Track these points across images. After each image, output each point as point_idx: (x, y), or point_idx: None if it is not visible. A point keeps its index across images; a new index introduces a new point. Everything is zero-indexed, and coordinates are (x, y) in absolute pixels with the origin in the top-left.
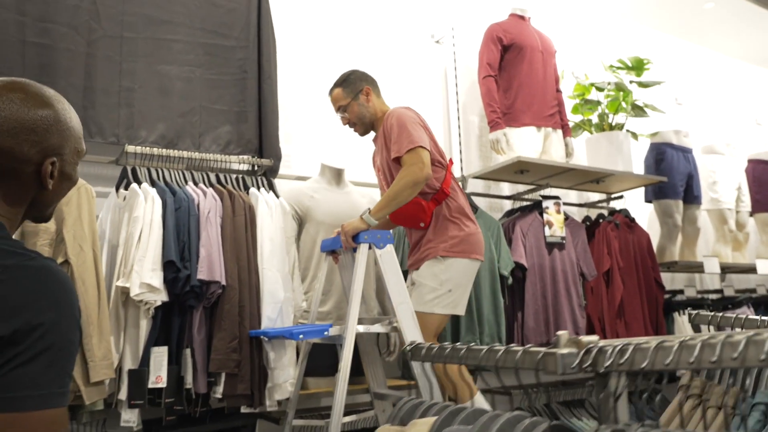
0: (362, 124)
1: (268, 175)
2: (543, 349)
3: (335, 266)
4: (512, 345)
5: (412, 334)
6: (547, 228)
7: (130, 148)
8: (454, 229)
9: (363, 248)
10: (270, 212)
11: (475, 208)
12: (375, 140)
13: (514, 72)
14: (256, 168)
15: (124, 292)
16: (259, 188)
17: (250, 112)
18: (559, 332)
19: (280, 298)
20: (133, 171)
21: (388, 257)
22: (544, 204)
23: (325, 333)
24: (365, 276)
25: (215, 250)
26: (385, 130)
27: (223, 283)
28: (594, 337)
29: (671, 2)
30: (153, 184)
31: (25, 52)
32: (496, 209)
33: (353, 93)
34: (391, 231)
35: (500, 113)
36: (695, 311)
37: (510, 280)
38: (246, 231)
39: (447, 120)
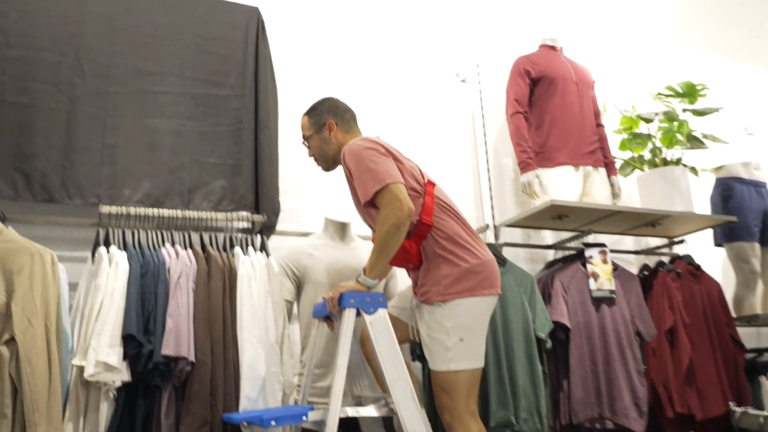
0: (324, 160)
1: (263, 233)
2: None
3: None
4: None
5: (411, 417)
6: (591, 281)
7: (104, 209)
8: (446, 266)
9: (349, 314)
10: (254, 274)
11: (502, 261)
12: (347, 178)
13: (545, 107)
14: (253, 225)
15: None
16: (246, 247)
17: (246, 164)
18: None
19: (261, 373)
20: (106, 234)
21: (380, 324)
22: (587, 253)
23: (304, 418)
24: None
25: (184, 321)
26: (348, 171)
27: (192, 359)
28: None
29: (723, 23)
30: (125, 246)
31: (3, 113)
32: (539, 260)
33: (317, 125)
34: (383, 293)
35: (531, 153)
36: None
37: (549, 344)
38: (223, 297)
39: (476, 163)
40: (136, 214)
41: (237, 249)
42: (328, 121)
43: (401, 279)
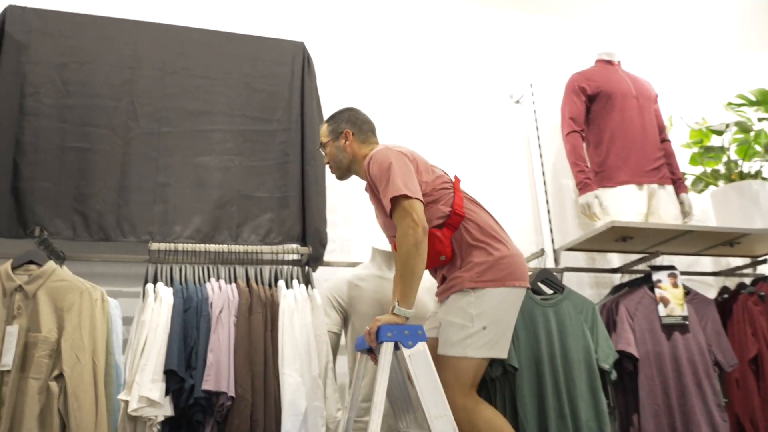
0: (337, 168)
1: (311, 264)
2: None
3: None
4: None
5: None
6: (661, 306)
7: (154, 246)
8: (481, 254)
9: (386, 348)
10: (296, 307)
11: (560, 287)
12: (366, 189)
13: (603, 124)
14: (303, 257)
15: None
16: (291, 280)
17: (293, 197)
18: None
19: (302, 409)
20: (155, 270)
21: (419, 358)
22: (655, 277)
23: None
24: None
25: (224, 355)
26: (370, 178)
27: (231, 393)
28: None
29: None
30: (172, 282)
31: (64, 158)
32: (605, 284)
33: (334, 133)
34: (423, 326)
35: (590, 172)
36: None
37: (614, 375)
38: (265, 331)
39: (533, 186)
40: (184, 249)
41: (281, 282)
42: (345, 130)
43: None
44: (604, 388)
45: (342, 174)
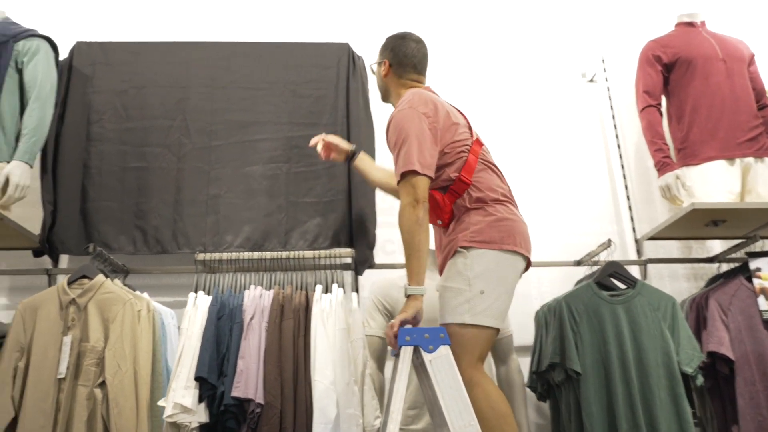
0: (379, 88)
1: (358, 267)
2: None
3: None
4: None
5: None
6: (761, 299)
7: (200, 256)
8: (477, 215)
9: (405, 352)
10: (330, 312)
11: (632, 282)
12: None
13: (684, 94)
14: (350, 260)
15: None
16: (331, 284)
17: (340, 200)
18: None
19: (331, 416)
20: (204, 280)
21: (442, 363)
22: (753, 265)
23: None
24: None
25: (253, 362)
26: (387, 140)
27: (260, 401)
28: None
29: None
30: (211, 290)
31: (124, 178)
32: (704, 276)
33: (379, 57)
34: (444, 328)
35: (668, 150)
36: None
37: (699, 380)
38: (296, 337)
39: (611, 171)
40: (228, 258)
41: (318, 287)
42: (384, 60)
43: None
44: (688, 396)
45: (382, 96)
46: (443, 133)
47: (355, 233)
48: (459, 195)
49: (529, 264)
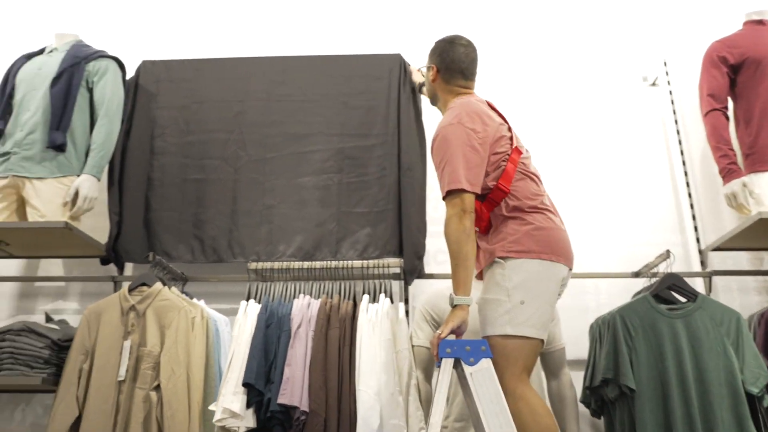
0: (428, 95)
1: (407, 277)
2: None
3: None
4: None
5: None
6: None
7: (252, 265)
8: (514, 223)
9: (446, 364)
10: (376, 321)
11: (692, 295)
12: None
13: (753, 97)
14: (398, 270)
15: None
16: (379, 293)
17: (390, 210)
18: None
19: (374, 426)
20: (256, 288)
21: (482, 377)
22: None
23: None
24: None
25: (299, 370)
26: (432, 155)
27: (305, 408)
28: None
29: None
30: (263, 298)
31: (185, 189)
32: None
33: (428, 61)
34: (485, 340)
35: (735, 156)
36: None
37: (767, 401)
38: (341, 346)
39: (673, 178)
40: (279, 267)
41: (365, 297)
42: (432, 65)
43: None
44: (754, 418)
45: (432, 102)
46: (490, 148)
47: (405, 243)
48: (497, 203)
49: (570, 269)
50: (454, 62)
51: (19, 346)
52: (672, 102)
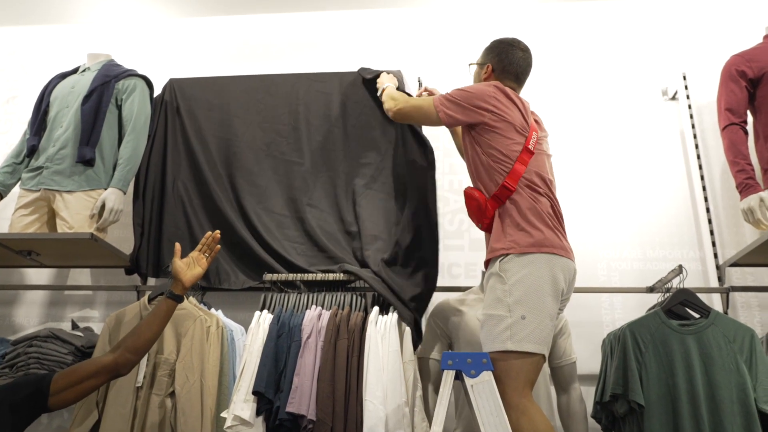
0: None
1: None
2: None
3: None
4: None
5: None
6: None
7: (267, 276)
8: (513, 230)
9: (447, 376)
10: (384, 332)
11: (705, 311)
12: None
13: None
14: None
15: None
16: (389, 306)
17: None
18: None
19: None
20: (270, 298)
21: (483, 390)
22: None
23: None
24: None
25: (307, 379)
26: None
27: (312, 417)
28: None
29: None
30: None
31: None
32: None
33: (482, 60)
34: (488, 353)
35: (752, 171)
36: None
37: None
38: (349, 356)
39: (691, 193)
40: (293, 279)
41: (375, 308)
42: (488, 63)
43: None
44: None
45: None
46: (514, 132)
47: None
48: (502, 202)
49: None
50: (512, 65)
51: (45, 351)
52: (691, 116)
